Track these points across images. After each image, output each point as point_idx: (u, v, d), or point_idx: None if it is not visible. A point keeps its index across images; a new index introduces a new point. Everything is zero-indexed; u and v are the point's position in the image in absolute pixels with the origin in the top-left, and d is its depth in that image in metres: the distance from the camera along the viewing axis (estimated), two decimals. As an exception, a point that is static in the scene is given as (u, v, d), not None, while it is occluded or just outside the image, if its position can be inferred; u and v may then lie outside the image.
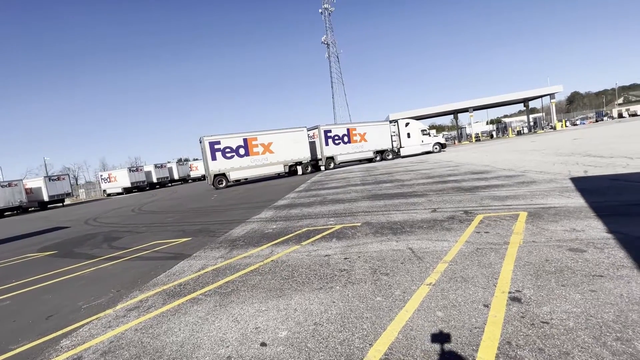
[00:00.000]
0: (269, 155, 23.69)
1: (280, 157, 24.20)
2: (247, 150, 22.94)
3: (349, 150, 27.69)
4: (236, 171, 22.74)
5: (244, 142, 22.83)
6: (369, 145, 28.84)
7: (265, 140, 23.62)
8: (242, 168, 22.86)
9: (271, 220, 8.03)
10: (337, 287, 3.49)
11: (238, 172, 22.82)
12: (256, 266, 4.60)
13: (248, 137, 23.05)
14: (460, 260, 3.79)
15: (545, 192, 6.79)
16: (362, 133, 28.38)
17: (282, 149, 24.24)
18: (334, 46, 71.21)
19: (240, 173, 22.94)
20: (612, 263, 3.17)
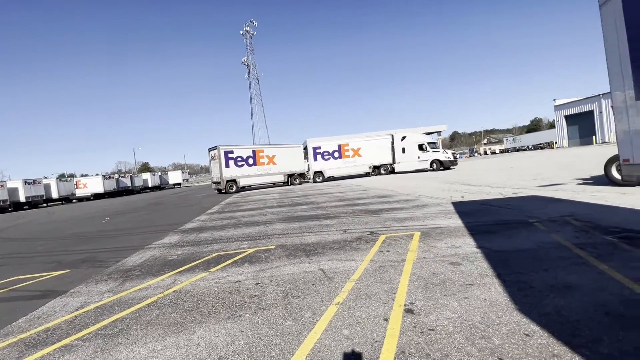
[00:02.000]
0: (272, 166, 27.41)
1: (282, 168, 27.87)
2: (255, 160, 26.46)
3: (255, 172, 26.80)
4: (245, 178, 25.82)
5: (252, 153, 26.46)
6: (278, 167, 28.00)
7: (270, 153, 27.48)
8: (250, 176, 26.10)
9: (176, 246, 7.27)
10: (247, 315, 3.33)
11: (247, 179, 25.98)
12: (154, 299, 4.06)
13: (256, 149, 26.93)
14: (365, 278, 4.07)
15: (434, 214, 7.93)
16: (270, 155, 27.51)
17: (283, 160, 27.97)
18: (254, 68, 71.77)
19: (248, 180, 26.08)
20: (479, 273, 3.86)
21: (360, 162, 28.89)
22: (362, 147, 28.66)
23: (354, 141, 29.12)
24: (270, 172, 27.03)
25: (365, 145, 28.72)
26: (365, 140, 29.30)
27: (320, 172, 28.41)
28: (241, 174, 25.59)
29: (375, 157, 28.99)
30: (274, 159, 27.30)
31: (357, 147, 28.65)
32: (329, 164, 28.40)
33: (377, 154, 28.97)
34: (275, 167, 27.21)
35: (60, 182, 41.51)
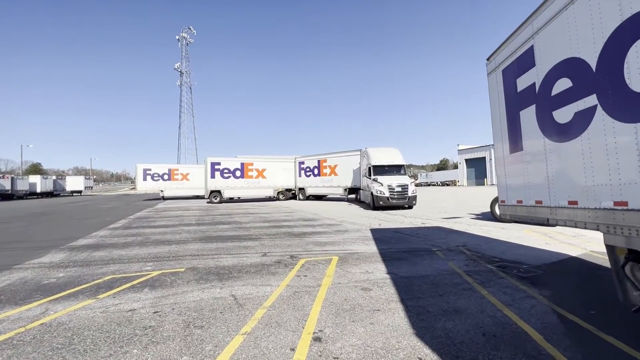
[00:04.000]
0: (261, 180, 26.24)
1: (271, 183, 26.65)
2: (243, 173, 25.55)
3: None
4: (231, 190, 25.15)
5: (241, 165, 25.63)
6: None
7: (260, 166, 26.25)
8: (237, 188, 25.39)
9: (58, 267, 6.06)
10: (135, 351, 2.87)
11: (232, 190, 25.23)
12: (10, 334, 3.23)
13: (245, 162, 25.88)
14: (278, 304, 3.93)
15: (353, 240, 8.28)
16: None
17: (273, 175, 26.83)
18: (187, 76, 67.98)
19: (233, 192, 25.38)
20: (386, 298, 4.08)
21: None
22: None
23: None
24: (258, 185, 25.68)
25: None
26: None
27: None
28: (227, 186, 25.04)
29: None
30: (263, 172, 25.96)
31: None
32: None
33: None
34: (264, 181, 25.78)
35: None
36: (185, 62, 67.88)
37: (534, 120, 3.86)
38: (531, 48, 3.87)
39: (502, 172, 5.00)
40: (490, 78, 5.14)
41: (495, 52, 4.94)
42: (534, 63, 3.81)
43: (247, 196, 27.16)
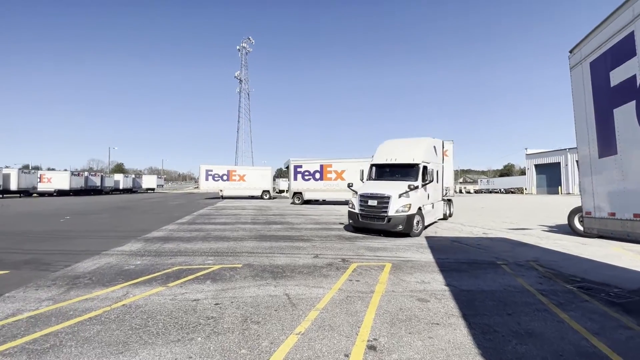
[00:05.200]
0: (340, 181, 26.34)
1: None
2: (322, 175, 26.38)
3: None
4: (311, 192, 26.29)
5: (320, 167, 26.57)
6: None
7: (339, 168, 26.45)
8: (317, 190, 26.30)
9: (136, 255, 6.82)
10: (199, 339, 3.08)
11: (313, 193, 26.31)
12: (99, 312, 3.70)
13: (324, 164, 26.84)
14: (331, 308, 3.91)
15: (406, 247, 7.94)
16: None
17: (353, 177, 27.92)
18: (246, 83, 72.38)
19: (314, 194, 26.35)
20: (446, 312, 3.80)
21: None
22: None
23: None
24: (337, 188, 25.07)
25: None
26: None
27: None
28: (307, 188, 26.13)
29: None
30: (342, 174, 25.26)
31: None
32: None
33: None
34: (343, 183, 24.41)
35: (22, 173, 38.82)
36: (245, 70, 72.40)
37: (634, 119, 3.28)
38: (631, 35, 3.31)
39: (587, 180, 4.36)
40: (574, 72, 4.52)
41: (581, 42, 4.34)
42: (635, 52, 3.25)
43: (327, 198, 26.97)
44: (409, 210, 9.58)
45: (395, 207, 9.56)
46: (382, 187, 10.18)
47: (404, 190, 9.75)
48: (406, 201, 9.62)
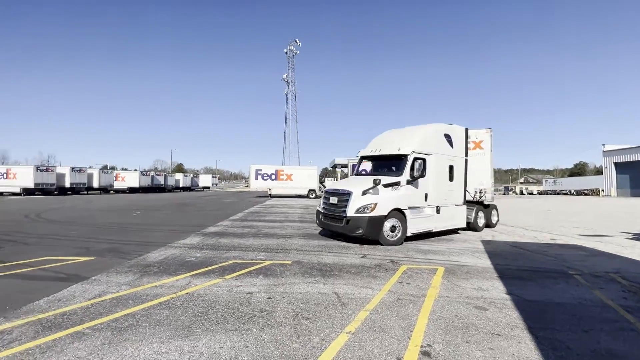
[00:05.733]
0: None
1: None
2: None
3: None
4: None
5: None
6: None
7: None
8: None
9: (196, 248, 7.39)
10: (254, 330, 3.24)
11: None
12: (167, 298, 4.08)
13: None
14: (381, 309, 3.85)
15: (460, 250, 7.49)
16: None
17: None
18: (293, 85, 74.30)
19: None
20: (508, 323, 3.51)
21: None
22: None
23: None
24: None
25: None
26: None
27: None
28: None
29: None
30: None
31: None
32: None
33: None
34: None
35: (102, 173, 44.48)
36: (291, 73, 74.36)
37: None
38: None
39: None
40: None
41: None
42: None
43: None
44: (374, 210, 7.81)
45: (355, 207, 7.92)
46: (351, 183, 8.86)
47: (370, 186, 7.95)
48: (371, 199, 7.90)
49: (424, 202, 8.74)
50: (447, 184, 9.45)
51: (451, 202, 9.59)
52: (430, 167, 8.82)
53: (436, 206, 9.05)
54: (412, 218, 8.43)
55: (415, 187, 8.53)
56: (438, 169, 9.07)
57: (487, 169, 11.34)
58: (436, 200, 9.04)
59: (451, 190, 9.57)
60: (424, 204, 8.74)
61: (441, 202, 9.19)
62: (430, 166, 8.81)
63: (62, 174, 37.66)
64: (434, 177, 8.95)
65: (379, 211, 7.86)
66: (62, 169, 38.63)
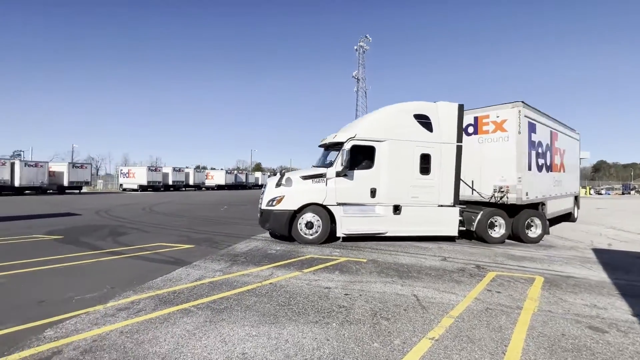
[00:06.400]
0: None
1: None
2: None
3: None
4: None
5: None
6: None
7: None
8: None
9: (275, 242, 7.91)
10: (334, 324, 3.31)
11: None
12: (253, 286, 4.46)
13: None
14: (467, 317, 3.55)
15: (565, 259, 6.44)
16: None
17: None
18: (363, 82, 73.57)
19: None
20: (637, 351, 2.88)
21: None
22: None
23: None
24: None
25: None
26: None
27: None
28: None
29: None
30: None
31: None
32: None
33: None
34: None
35: (196, 172, 51.17)
36: (362, 69, 73.70)
37: None
38: None
39: None
40: None
41: None
42: None
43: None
44: (279, 204, 7.38)
45: (266, 199, 7.58)
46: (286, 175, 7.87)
47: (280, 178, 7.57)
48: (279, 192, 7.46)
49: (371, 198, 7.59)
50: (417, 178, 7.78)
51: (428, 201, 7.87)
52: (383, 157, 7.59)
53: (393, 205, 7.68)
54: (346, 216, 7.49)
55: (351, 179, 7.52)
56: (397, 159, 7.65)
57: (511, 158, 8.29)
58: (393, 197, 7.66)
59: (426, 187, 7.83)
60: (370, 200, 7.60)
61: (404, 201, 7.71)
62: (381, 155, 7.60)
63: (166, 173, 44.43)
64: (388, 168, 7.63)
65: (285, 205, 7.39)
66: (166, 169, 45.57)
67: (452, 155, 7.98)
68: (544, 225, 8.56)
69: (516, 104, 8.38)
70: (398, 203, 7.70)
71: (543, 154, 9.62)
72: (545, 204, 9.32)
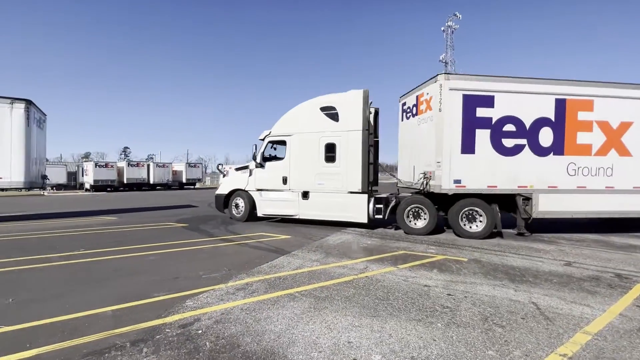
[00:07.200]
0: None
1: None
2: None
3: None
4: None
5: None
6: None
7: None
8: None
9: (365, 235, 7.93)
10: (439, 325, 3.14)
11: None
12: (350, 278, 4.57)
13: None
14: (611, 336, 2.92)
15: None
16: None
17: None
18: (452, 65, 67.24)
19: None
20: None
21: None
22: None
23: None
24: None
25: None
26: None
27: None
28: None
29: None
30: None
31: None
32: None
33: None
34: None
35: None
36: (450, 52, 67.39)
37: None
38: None
39: None
40: None
41: None
42: None
43: None
44: (219, 189, 10.36)
45: None
46: None
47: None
48: (222, 181, 10.50)
49: (283, 185, 8.92)
50: (322, 166, 8.49)
51: (337, 189, 8.40)
52: (292, 149, 8.74)
53: (302, 191, 8.73)
54: (262, 200, 9.27)
55: (267, 170, 9.18)
56: (304, 150, 8.60)
57: (430, 141, 7.57)
58: (301, 184, 8.73)
59: (332, 174, 8.40)
60: (282, 187, 8.95)
61: (313, 187, 8.63)
62: (291, 147, 8.75)
63: (260, 170, 48.97)
64: (297, 158, 8.74)
65: (221, 190, 10.19)
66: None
67: (358, 142, 8.18)
68: (492, 218, 7.42)
69: (438, 77, 7.48)
70: (306, 189, 8.75)
71: (523, 132, 7.59)
72: (530, 198, 7.56)
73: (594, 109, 7.70)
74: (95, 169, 32.86)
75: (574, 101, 7.67)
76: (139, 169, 35.86)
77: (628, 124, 7.78)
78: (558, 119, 7.66)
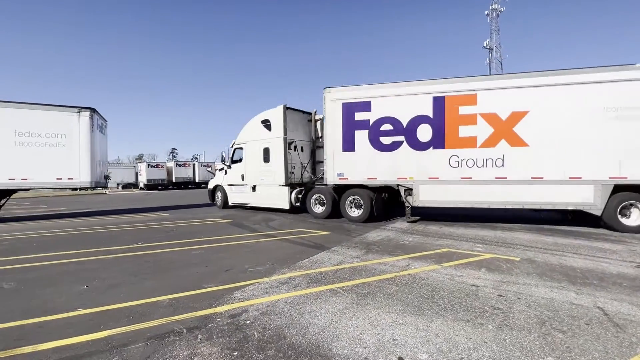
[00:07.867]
0: None
1: None
2: None
3: None
4: None
5: None
6: None
7: None
8: None
9: (407, 232, 7.74)
10: (490, 327, 2.98)
11: None
12: (392, 275, 4.50)
13: None
14: (699, 349, 2.57)
15: None
16: None
17: None
18: (498, 51, 62.58)
19: None
20: None
21: None
22: None
23: None
24: None
25: None
26: None
27: None
28: None
29: None
30: None
31: None
32: None
33: None
34: None
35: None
36: (495, 37, 62.74)
37: None
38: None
39: None
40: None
41: None
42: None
43: None
44: (208, 185, 14.40)
45: None
46: None
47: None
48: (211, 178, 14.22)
49: (242, 181, 11.98)
50: (262, 166, 11.20)
51: (272, 182, 10.98)
52: (247, 153, 11.70)
53: (252, 185, 11.66)
54: (231, 192, 12.69)
55: (233, 170, 12.41)
56: (252, 154, 11.45)
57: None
58: (251, 180, 11.67)
59: (269, 171, 11.03)
60: (241, 182, 12.00)
61: (258, 182, 11.50)
62: (246, 152, 11.72)
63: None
64: (248, 161, 11.74)
65: (209, 185, 14.06)
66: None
67: (281, 146, 10.57)
68: (367, 206, 9.04)
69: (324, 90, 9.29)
70: (254, 184, 11.66)
71: (401, 130, 8.57)
72: (412, 189, 8.61)
73: (477, 102, 7.96)
74: (148, 169, 35.76)
75: (454, 97, 8.13)
76: (185, 169, 38.39)
77: (521, 114, 7.69)
78: (437, 115, 8.25)
